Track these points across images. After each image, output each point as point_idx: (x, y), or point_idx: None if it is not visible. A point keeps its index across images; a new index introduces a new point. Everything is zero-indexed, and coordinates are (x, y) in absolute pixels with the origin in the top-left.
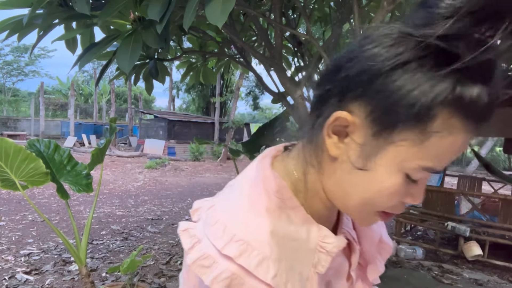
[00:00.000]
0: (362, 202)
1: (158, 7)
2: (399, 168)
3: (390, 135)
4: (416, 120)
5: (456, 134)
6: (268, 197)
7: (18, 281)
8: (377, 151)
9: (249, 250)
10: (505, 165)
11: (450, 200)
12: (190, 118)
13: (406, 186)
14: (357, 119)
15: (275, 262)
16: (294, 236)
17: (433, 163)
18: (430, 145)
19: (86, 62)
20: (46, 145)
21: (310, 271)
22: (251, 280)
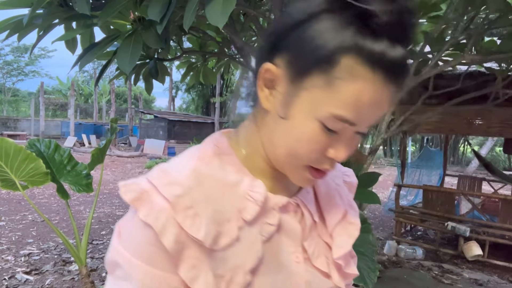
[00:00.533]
0: (287, 153)
1: (158, 7)
2: (313, 115)
3: (302, 80)
4: (322, 65)
5: (360, 82)
6: (205, 148)
7: (18, 281)
8: (294, 98)
9: (166, 176)
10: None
11: (450, 200)
12: (190, 118)
13: (326, 137)
14: (280, 70)
15: (185, 188)
16: (220, 178)
17: (343, 111)
18: (336, 91)
19: (86, 62)
20: (46, 145)
21: (234, 215)
22: (156, 196)
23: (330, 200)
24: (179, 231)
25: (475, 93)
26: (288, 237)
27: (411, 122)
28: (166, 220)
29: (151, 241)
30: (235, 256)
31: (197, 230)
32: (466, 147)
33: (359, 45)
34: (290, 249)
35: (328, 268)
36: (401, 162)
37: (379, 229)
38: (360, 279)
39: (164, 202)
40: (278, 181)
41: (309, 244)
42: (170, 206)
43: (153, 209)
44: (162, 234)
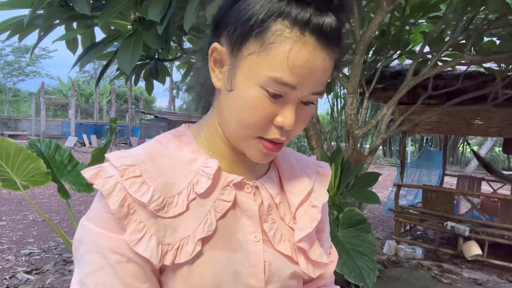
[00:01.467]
0: (236, 123)
1: (159, 8)
2: (254, 82)
3: (240, 50)
4: (255, 32)
5: (290, 43)
6: (167, 133)
7: (19, 281)
8: (236, 69)
9: (123, 154)
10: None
11: (450, 200)
12: (190, 118)
13: (269, 103)
14: (224, 48)
15: (136, 160)
16: (175, 156)
17: (279, 73)
18: (271, 55)
19: (87, 62)
20: (47, 145)
21: (186, 188)
22: (109, 168)
23: (294, 182)
24: (125, 195)
25: (475, 93)
26: (246, 216)
27: (411, 122)
28: (113, 185)
29: (105, 208)
30: (185, 226)
31: (142, 195)
32: (465, 147)
33: (286, 10)
34: (248, 229)
35: (293, 252)
36: (401, 162)
37: (378, 229)
38: (360, 279)
39: (114, 171)
40: (238, 164)
41: (270, 227)
42: (119, 174)
43: (104, 177)
44: (108, 197)
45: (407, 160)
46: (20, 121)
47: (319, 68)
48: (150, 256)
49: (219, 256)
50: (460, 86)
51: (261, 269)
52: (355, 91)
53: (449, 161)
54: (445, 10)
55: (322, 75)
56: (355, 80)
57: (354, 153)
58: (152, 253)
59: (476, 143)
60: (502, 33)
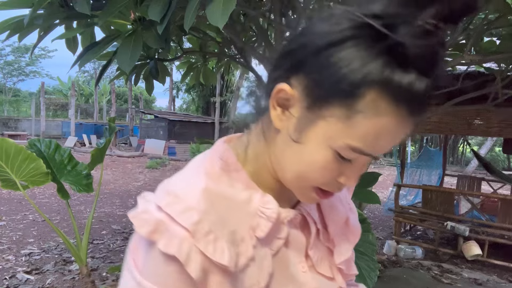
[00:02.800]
0: (297, 175)
1: (159, 7)
2: (328, 144)
3: (320, 109)
4: (344, 97)
5: (383, 117)
6: (212, 162)
7: (19, 281)
8: (309, 125)
9: (178, 201)
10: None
11: (450, 200)
12: (190, 118)
13: (338, 164)
14: (295, 92)
15: (200, 213)
16: (231, 196)
17: (360, 144)
18: (356, 124)
19: (86, 62)
20: (46, 145)
21: (247, 233)
22: (173, 226)
23: (332, 207)
24: (203, 259)
25: (475, 93)
26: (293, 248)
27: None
28: (189, 249)
29: (176, 272)
30: (251, 275)
31: (221, 256)
32: (465, 147)
33: (386, 79)
34: (296, 260)
35: (332, 272)
36: (401, 162)
37: (378, 229)
38: (360, 279)
39: (183, 231)
40: (283, 193)
41: (314, 252)
42: (190, 235)
43: (174, 240)
44: (187, 263)
45: (407, 160)
46: (20, 121)
47: (402, 135)
48: None
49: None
50: (460, 86)
51: None
52: None
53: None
54: None
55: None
56: None
57: None
58: None
59: (476, 143)
60: (502, 33)
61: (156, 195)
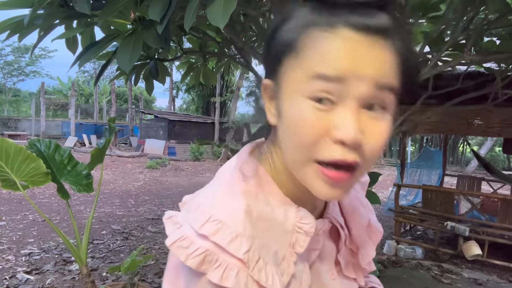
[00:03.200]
0: (294, 151)
1: (159, 7)
2: (297, 94)
3: (279, 72)
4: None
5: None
6: (245, 180)
7: (19, 281)
8: (280, 93)
9: (223, 228)
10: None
11: (450, 200)
12: (190, 118)
13: (321, 114)
14: (270, 81)
15: (248, 239)
16: (270, 216)
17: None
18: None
19: (86, 61)
20: (46, 145)
21: (287, 251)
22: (224, 256)
23: (354, 211)
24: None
25: (475, 93)
26: (325, 257)
27: (411, 122)
28: (246, 280)
29: None
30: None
31: (273, 282)
32: (465, 147)
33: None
34: (326, 268)
35: (355, 273)
36: (401, 162)
37: None
38: None
39: (237, 262)
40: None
41: (342, 257)
42: (244, 265)
43: (229, 272)
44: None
45: (407, 160)
46: (20, 121)
47: (367, 54)
48: None
49: None
50: (460, 86)
51: None
52: None
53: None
54: (445, 10)
55: (377, 62)
56: None
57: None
58: None
59: (476, 143)
60: (502, 33)
61: (190, 216)
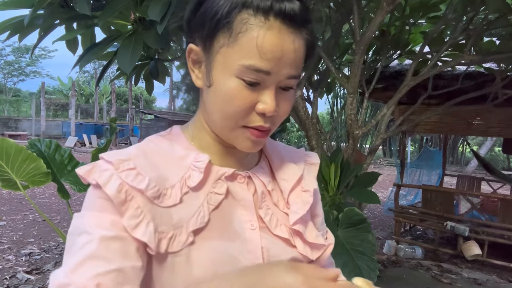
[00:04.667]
0: (220, 116)
1: (159, 7)
2: (229, 73)
3: (212, 45)
4: (222, 26)
5: (256, 29)
6: (158, 133)
7: (19, 281)
8: (211, 65)
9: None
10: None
11: (449, 199)
12: (190, 118)
13: (248, 92)
14: (198, 47)
15: (130, 154)
16: (167, 152)
17: (251, 60)
18: (240, 44)
19: (87, 63)
20: (47, 145)
21: (179, 182)
22: (103, 163)
23: (285, 170)
24: (121, 183)
25: (474, 93)
26: (241, 206)
27: (411, 122)
28: (109, 176)
29: (99, 195)
30: (179, 217)
31: (139, 183)
32: (465, 147)
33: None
34: (244, 218)
35: (290, 236)
36: (401, 162)
37: (378, 229)
38: None
39: (109, 165)
40: (229, 157)
41: (265, 213)
42: (113, 167)
43: (99, 171)
44: (105, 185)
45: (407, 160)
46: (20, 121)
47: (289, 50)
48: (149, 240)
49: (216, 246)
50: (460, 86)
51: (259, 256)
52: (355, 91)
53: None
54: (445, 10)
55: (295, 58)
56: (355, 80)
57: (354, 153)
58: (150, 238)
59: (476, 143)
60: (502, 33)
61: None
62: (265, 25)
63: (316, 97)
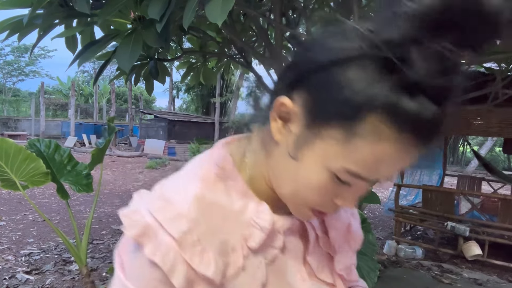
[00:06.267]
0: (292, 193)
1: (158, 6)
2: (325, 165)
3: (319, 129)
4: (344, 118)
5: (384, 143)
6: (209, 167)
7: (18, 281)
8: (307, 143)
9: (167, 206)
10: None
11: (450, 200)
12: (190, 118)
13: (335, 186)
14: (296, 108)
15: (191, 222)
16: (225, 205)
17: (358, 168)
18: (355, 148)
19: (85, 60)
20: (46, 145)
21: (239, 243)
22: (162, 233)
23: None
24: (188, 270)
25: (475, 93)
26: (291, 256)
27: None
28: (174, 259)
29: (160, 280)
30: (241, 285)
31: (207, 268)
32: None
33: (391, 104)
34: (294, 269)
35: (333, 278)
36: None
37: (378, 229)
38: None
39: (170, 240)
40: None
41: (313, 259)
42: (176, 244)
43: (160, 248)
44: (171, 274)
45: None
46: (19, 121)
47: (406, 162)
48: None
49: None
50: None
51: None
52: None
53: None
54: None
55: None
56: None
57: None
58: None
59: (476, 143)
60: None
61: (150, 195)
62: (396, 140)
63: None
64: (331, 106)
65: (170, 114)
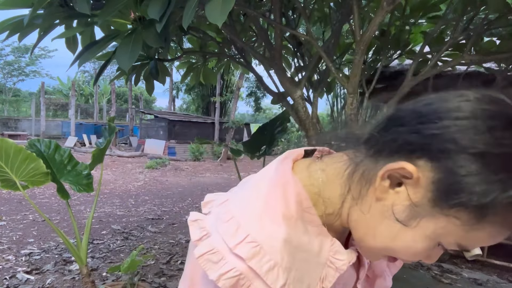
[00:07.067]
0: (383, 248)
1: (158, 5)
2: (437, 237)
3: (448, 209)
4: (477, 209)
5: (506, 229)
6: (287, 204)
7: (19, 281)
8: (427, 216)
9: (261, 253)
10: None
11: None
12: (190, 118)
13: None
14: (422, 178)
15: (285, 271)
16: (306, 247)
17: (470, 244)
18: (478, 231)
19: (85, 61)
20: (46, 145)
21: (315, 283)
22: (259, 284)
23: None
24: None
25: None
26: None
27: None
28: None
29: None
30: None
31: None
32: None
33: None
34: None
35: None
36: None
37: None
38: None
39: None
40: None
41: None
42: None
43: None
44: None
45: None
46: (20, 121)
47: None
48: None
49: None
50: (460, 86)
51: None
52: (355, 91)
53: None
54: (445, 10)
55: None
56: (355, 80)
57: None
58: None
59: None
60: (502, 33)
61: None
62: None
63: (316, 97)
64: (469, 192)
65: (170, 114)
